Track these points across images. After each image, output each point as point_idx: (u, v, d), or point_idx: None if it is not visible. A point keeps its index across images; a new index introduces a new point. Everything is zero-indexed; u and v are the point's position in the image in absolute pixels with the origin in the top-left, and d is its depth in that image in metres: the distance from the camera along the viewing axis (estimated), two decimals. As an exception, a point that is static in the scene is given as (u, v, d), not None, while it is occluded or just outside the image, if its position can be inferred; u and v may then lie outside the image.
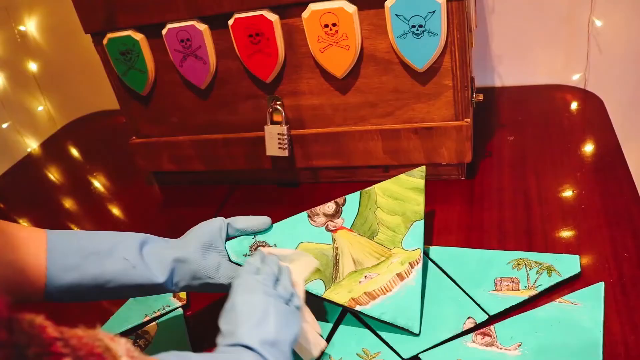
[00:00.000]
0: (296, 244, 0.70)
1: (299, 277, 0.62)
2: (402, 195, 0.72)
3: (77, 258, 0.58)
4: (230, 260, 0.66)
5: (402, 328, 0.62)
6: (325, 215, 0.72)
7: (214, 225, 0.67)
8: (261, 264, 0.59)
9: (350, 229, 0.70)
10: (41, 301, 0.58)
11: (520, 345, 0.58)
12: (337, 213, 0.72)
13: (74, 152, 1.33)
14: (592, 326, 0.58)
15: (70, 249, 0.58)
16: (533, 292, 0.63)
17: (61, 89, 1.48)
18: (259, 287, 0.55)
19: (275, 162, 0.91)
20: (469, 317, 0.62)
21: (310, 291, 0.65)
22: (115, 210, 1.04)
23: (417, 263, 0.66)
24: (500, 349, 0.58)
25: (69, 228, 1.02)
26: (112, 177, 1.15)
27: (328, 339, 0.64)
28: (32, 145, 1.57)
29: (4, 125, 1.57)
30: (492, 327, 0.61)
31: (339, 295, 0.65)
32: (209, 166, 0.96)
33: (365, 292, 0.65)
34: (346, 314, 0.67)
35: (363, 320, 0.66)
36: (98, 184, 1.14)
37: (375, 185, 0.73)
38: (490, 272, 0.67)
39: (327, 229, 0.71)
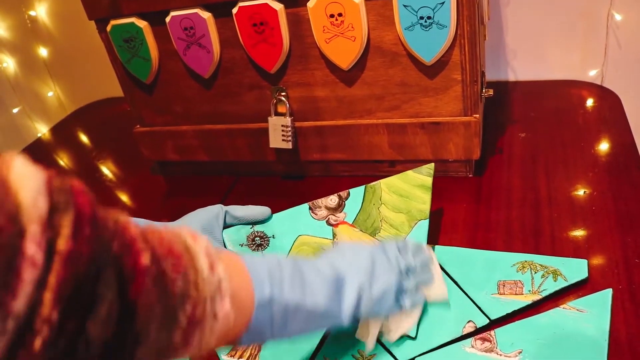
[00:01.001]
0: (295, 236, 0.68)
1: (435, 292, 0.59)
2: (408, 192, 0.70)
3: None
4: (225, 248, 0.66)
5: None
6: (327, 208, 0.70)
7: (212, 212, 0.66)
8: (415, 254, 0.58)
9: (352, 224, 0.69)
10: None
11: (520, 352, 0.56)
12: (339, 207, 0.70)
13: (83, 138, 1.32)
14: (597, 335, 0.56)
15: None
16: (537, 297, 0.61)
17: (71, 75, 1.48)
18: (395, 267, 0.54)
19: (279, 154, 0.90)
20: (469, 321, 0.60)
21: None
22: (120, 198, 1.03)
23: None
24: (500, 355, 0.56)
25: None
26: (119, 165, 1.15)
27: (323, 339, 0.63)
28: (42, 130, 1.57)
29: (15, 110, 1.57)
30: (492, 332, 0.59)
31: None
32: (212, 157, 0.95)
33: None
34: (343, 314, 0.65)
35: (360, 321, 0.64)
36: (104, 170, 1.14)
37: (381, 181, 0.71)
38: (493, 275, 0.65)
39: (328, 223, 0.69)
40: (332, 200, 0.71)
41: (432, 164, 0.70)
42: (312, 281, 0.47)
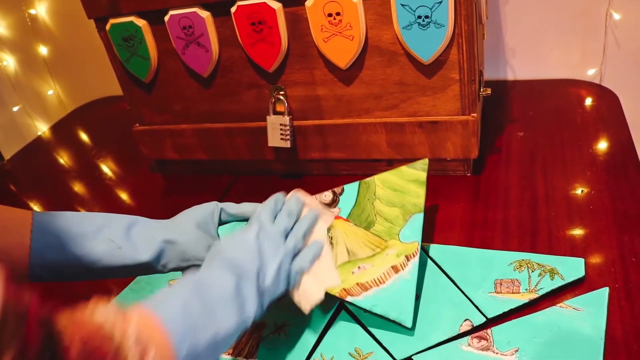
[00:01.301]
0: None
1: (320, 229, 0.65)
2: (402, 187, 0.70)
3: (62, 238, 0.58)
4: None
5: (394, 322, 0.60)
6: (322, 203, 0.70)
7: (207, 209, 0.66)
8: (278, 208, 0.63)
9: (347, 219, 0.69)
10: (27, 281, 0.58)
11: (517, 350, 0.56)
12: (334, 202, 0.70)
13: (83, 136, 1.33)
14: (593, 333, 0.56)
15: (55, 229, 0.58)
16: (534, 296, 0.61)
17: (71, 74, 1.48)
18: (279, 241, 0.59)
19: (277, 153, 0.90)
20: (465, 320, 0.60)
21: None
22: (118, 196, 1.04)
23: (414, 256, 0.64)
24: (497, 353, 0.56)
25: (75, 210, 1.02)
26: (118, 163, 1.15)
27: (321, 337, 0.63)
28: (42, 128, 1.58)
29: (15, 109, 1.58)
30: (489, 331, 0.59)
31: None
32: (211, 155, 0.95)
33: (357, 283, 0.62)
34: (340, 312, 0.65)
35: (357, 319, 0.64)
36: (104, 169, 1.14)
37: (375, 176, 0.71)
38: (490, 273, 0.65)
39: None
40: (327, 195, 0.70)
41: (426, 159, 0.70)
42: (219, 308, 0.50)
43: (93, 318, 0.41)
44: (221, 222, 0.67)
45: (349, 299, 0.61)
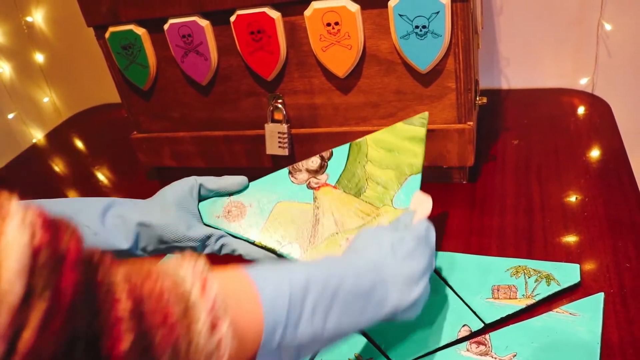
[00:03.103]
0: (273, 203, 0.64)
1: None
2: (398, 146, 0.64)
3: None
4: (203, 223, 0.64)
5: None
6: (308, 171, 0.66)
7: (185, 185, 0.64)
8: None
9: (335, 186, 0.64)
10: None
11: (515, 355, 0.57)
12: (321, 168, 0.66)
13: (78, 143, 1.33)
14: (589, 338, 0.57)
15: None
16: (531, 301, 0.62)
17: (67, 81, 1.48)
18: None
19: (275, 161, 0.90)
20: (464, 325, 0.61)
21: (285, 257, 0.60)
22: (116, 205, 1.04)
23: None
24: (495, 358, 0.57)
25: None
26: (114, 171, 1.15)
27: (321, 343, 0.63)
28: (37, 136, 1.57)
29: (10, 116, 1.57)
30: (487, 336, 0.60)
31: None
32: (209, 163, 0.96)
33: None
34: (340, 318, 0.66)
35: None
36: (100, 176, 1.14)
37: (367, 136, 0.66)
38: (488, 280, 0.66)
39: (309, 187, 0.65)
40: (314, 161, 0.66)
41: (426, 113, 0.65)
42: (345, 299, 0.45)
43: (166, 274, 0.35)
44: (201, 198, 0.65)
45: None
